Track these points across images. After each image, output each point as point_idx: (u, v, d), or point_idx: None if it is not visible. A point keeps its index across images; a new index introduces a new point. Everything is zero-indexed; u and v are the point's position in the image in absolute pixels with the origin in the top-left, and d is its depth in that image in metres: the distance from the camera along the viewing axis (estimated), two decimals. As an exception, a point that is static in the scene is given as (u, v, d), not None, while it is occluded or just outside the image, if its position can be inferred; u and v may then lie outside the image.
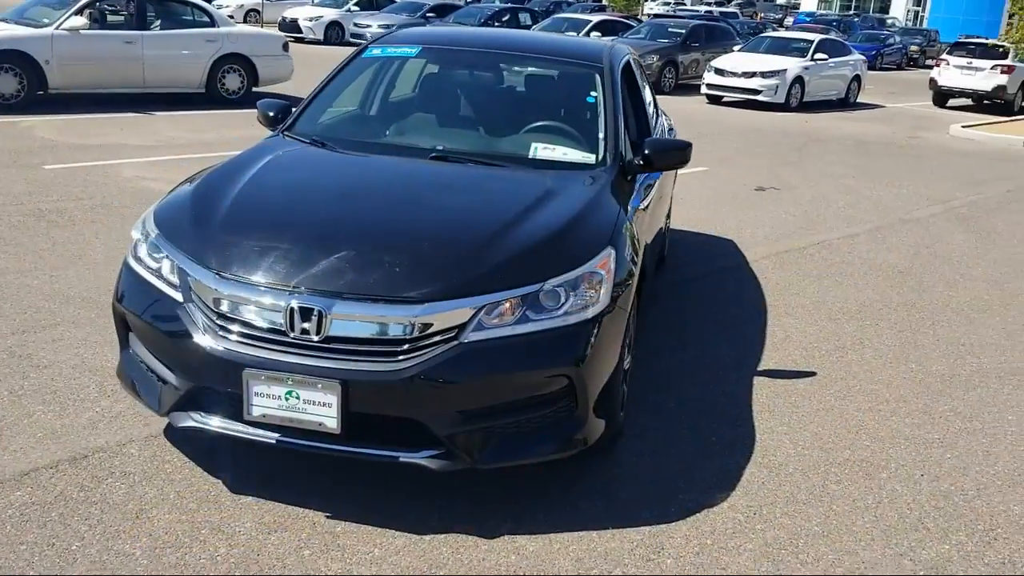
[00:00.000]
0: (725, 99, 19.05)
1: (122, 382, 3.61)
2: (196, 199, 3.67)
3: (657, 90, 19.58)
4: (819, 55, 19.14)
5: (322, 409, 3.07)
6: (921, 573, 3.20)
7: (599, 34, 21.82)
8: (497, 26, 23.87)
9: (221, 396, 3.24)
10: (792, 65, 18.46)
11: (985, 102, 21.61)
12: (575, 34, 21.88)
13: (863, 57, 21.73)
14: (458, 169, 4.07)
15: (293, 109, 4.66)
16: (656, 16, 31.30)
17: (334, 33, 25.90)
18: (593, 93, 4.64)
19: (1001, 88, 21.12)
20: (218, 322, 3.18)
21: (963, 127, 17.38)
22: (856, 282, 6.76)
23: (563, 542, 3.22)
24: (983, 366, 5.24)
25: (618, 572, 3.08)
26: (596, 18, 22.61)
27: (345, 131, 4.54)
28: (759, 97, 18.14)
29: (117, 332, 3.59)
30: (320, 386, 3.04)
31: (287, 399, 3.08)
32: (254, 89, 13.36)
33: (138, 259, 3.50)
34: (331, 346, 3.08)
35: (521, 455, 3.24)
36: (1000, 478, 3.92)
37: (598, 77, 4.72)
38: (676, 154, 4.39)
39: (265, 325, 3.14)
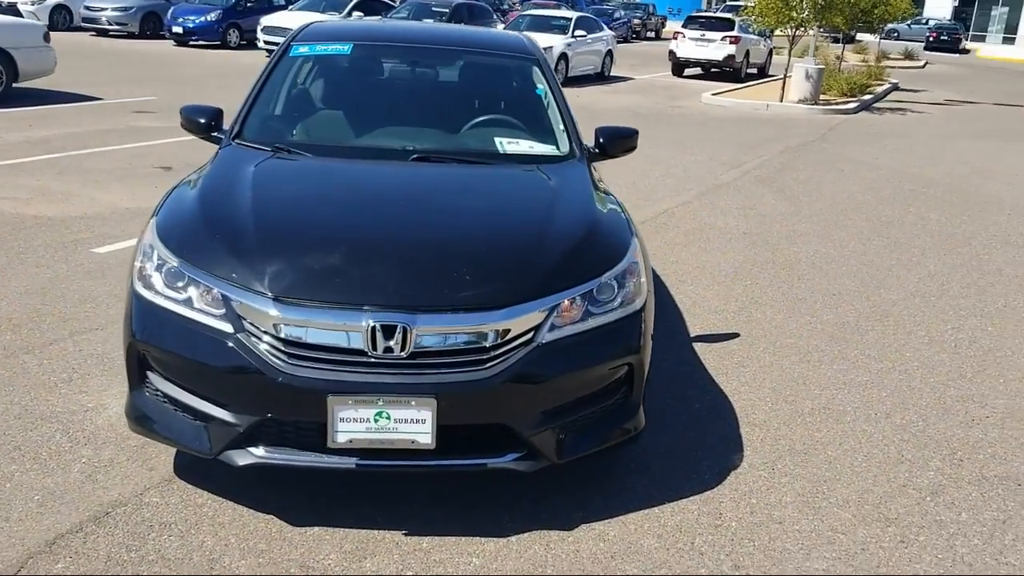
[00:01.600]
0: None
1: (136, 427, 3.30)
2: (209, 219, 3.39)
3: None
4: (579, 32, 20.10)
5: (415, 426, 3.00)
6: (928, 499, 3.66)
7: (360, 14, 21.58)
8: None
9: (293, 426, 3.07)
10: (557, 43, 19.25)
11: (713, 70, 23.70)
12: (336, 14, 21.51)
13: (612, 32, 23.04)
14: (451, 170, 4.04)
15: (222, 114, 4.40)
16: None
17: (60, 18, 23.66)
18: (540, 85, 4.74)
19: (731, 57, 23.24)
20: (285, 349, 3.00)
21: (712, 95, 19.00)
22: (718, 246, 7.35)
23: (636, 522, 3.37)
24: (859, 311, 5.93)
25: (700, 541, 3.28)
26: (355, -3, 22.27)
27: (304, 136, 4.33)
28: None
29: (128, 372, 3.26)
30: (414, 403, 2.97)
31: (376, 421, 2.98)
32: (14, 85, 12.05)
33: (153, 289, 3.20)
34: (419, 361, 3.01)
35: (589, 447, 3.32)
36: (931, 409, 4.52)
37: (536, 69, 4.82)
38: (625, 141, 4.59)
39: (341, 346, 3.00)
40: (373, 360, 2.99)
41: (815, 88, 18.82)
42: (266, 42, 21.47)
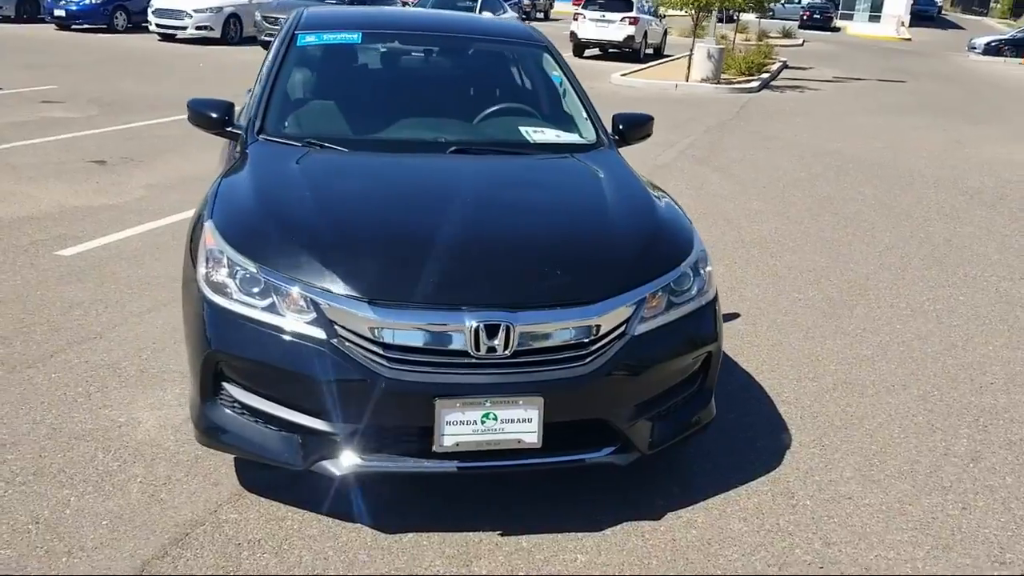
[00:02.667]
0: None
1: (209, 440, 3.14)
2: (279, 221, 3.23)
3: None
4: (486, 13, 19.99)
5: (522, 426, 2.95)
6: (971, 466, 3.84)
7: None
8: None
9: (392, 432, 2.98)
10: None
11: (612, 51, 24.02)
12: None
13: (515, 13, 23.04)
14: (496, 162, 3.97)
15: (235, 108, 4.21)
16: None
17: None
18: (555, 73, 4.70)
19: (630, 38, 23.61)
20: (385, 353, 2.90)
21: (621, 75, 19.26)
22: (684, 227, 7.47)
23: (718, 507, 3.41)
24: (839, 286, 6.15)
25: (783, 521, 3.35)
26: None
27: (331, 129, 4.14)
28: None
29: (202, 384, 3.08)
30: (521, 402, 2.93)
31: (483, 422, 2.92)
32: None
33: (229, 296, 3.03)
34: (522, 359, 2.96)
35: (673, 437, 3.33)
36: (939, 378, 4.73)
37: (548, 56, 4.78)
38: (642, 128, 4.62)
39: (443, 348, 2.93)
40: (477, 360, 2.92)
41: (717, 68, 19.34)
42: (159, 25, 20.57)
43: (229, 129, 4.13)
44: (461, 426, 2.91)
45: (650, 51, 25.12)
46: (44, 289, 5.17)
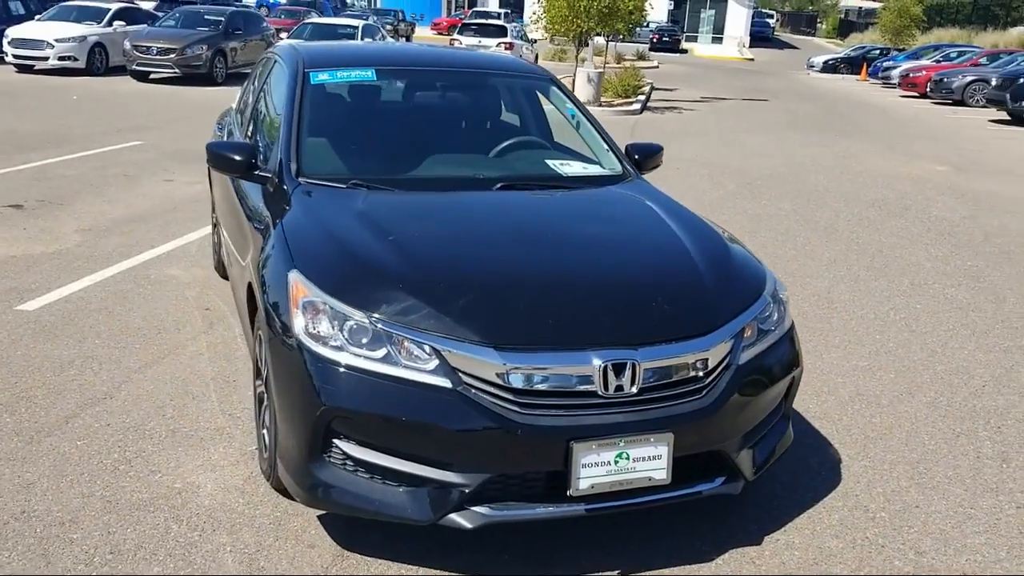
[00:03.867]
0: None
1: (317, 500, 3.00)
2: (372, 266, 3.14)
3: (210, 81, 18.75)
4: (367, 39, 19.83)
5: (652, 463, 2.96)
6: (1004, 466, 4.09)
7: (123, 22, 20.06)
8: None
9: (520, 479, 2.92)
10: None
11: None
12: (94, 23, 19.86)
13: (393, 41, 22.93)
14: (551, 196, 3.98)
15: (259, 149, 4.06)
16: (179, 3, 28.97)
17: None
18: (568, 105, 4.74)
19: (507, 61, 23.91)
20: (517, 399, 2.85)
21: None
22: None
23: (807, 526, 3.50)
24: (808, 300, 6.43)
25: (871, 534, 3.47)
26: (116, 5, 20.56)
27: (370, 168, 4.04)
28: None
29: (311, 443, 2.94)
30: (652, 439, 2.93)
31: (616, 462, 2.91)
32: None
33: (340, 349, 2.91)
34: (647, 396, 2.97)
35: (767, 462, 3.40)
36: (937, 384, 5.02)
37: (555, 89, 4.82)
38: (655, 158, 4.74)
39: (572, 390, 2.90)
40: (606, 400, 2.91)
41: (597, 91, 19.86)
42: (16, 56, 19.36)
43: (257, 173, 3.97)
44: (596, 468, 2.89)
45: (525, 75, 25.48)
46: (22, 348, 4.79)
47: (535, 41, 26.07)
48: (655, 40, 51.74)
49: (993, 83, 22.14)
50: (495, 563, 3.15)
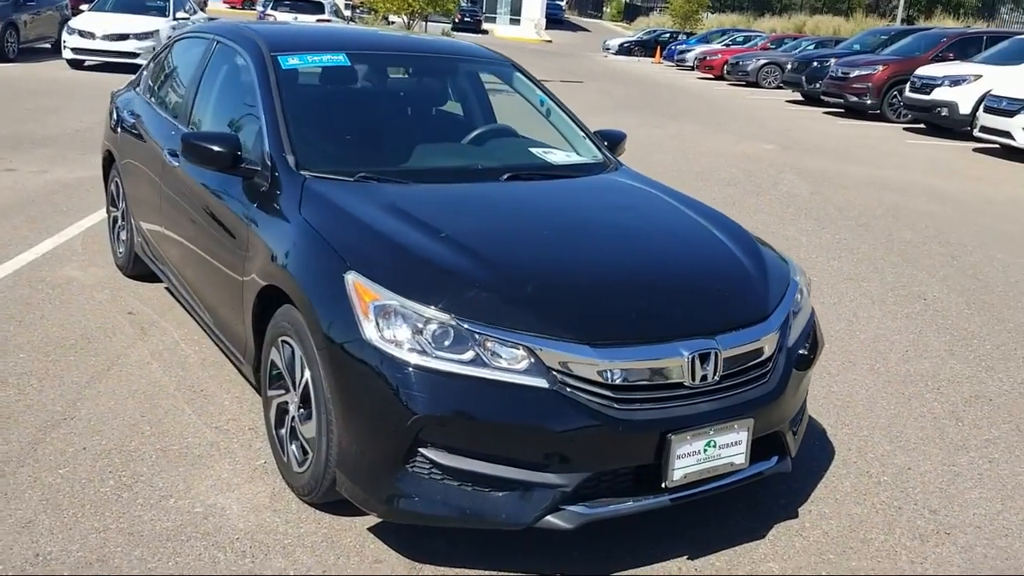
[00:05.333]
0: (88, 63, 17.62)
1: (399, 513, 2.88)
2: (439, 264, 3.00)
3: (2, 57, 17.08)
4: (180, 14, 18.68)
5: (734, 449, 3.02)
6: None
7: None
8: None
9: (612, 475, 2.90)
10: (162, 25, 17.79)
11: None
12: None
13: (204, 13, 21.68)
14: (562, 185, 3.95)
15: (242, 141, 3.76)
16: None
17: None
18: (538, 92, 4.68)
19: (325, 40, 23.24)
20: (613, 395, 2.82)
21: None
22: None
23: (838, 495, 3.69)
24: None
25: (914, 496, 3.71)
26: None
27: (364, 160, 3.84)
28: (137, 60, 17.10)
29: (397, 453, 2.79)
30: (736, 426, 2.99)
31: (705, 451, 2.95)
32: None
33: (422, 352, 2.77)
34: (726, 383, 3.02)
35: (799, 441, 3.54)
36: (924, 384, 5.41)
37: (519, 75, 4.75)
38: (621, 144, 4.77)
39: (664, 382, 2.91)
40: (693, 390, 2.94)
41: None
42: None
43: (244, 166, 3.67)
44: (688, 458, 2.92)
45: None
46: (-63, 369, 4.20)
47: (351, 19, 25.46)
48: (457, 21, 51.92)
49: (789, 67, 23.87)
50: (567, 560, 3.11)
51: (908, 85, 17.54)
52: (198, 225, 4.06)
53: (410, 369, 2.75)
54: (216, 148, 3.62)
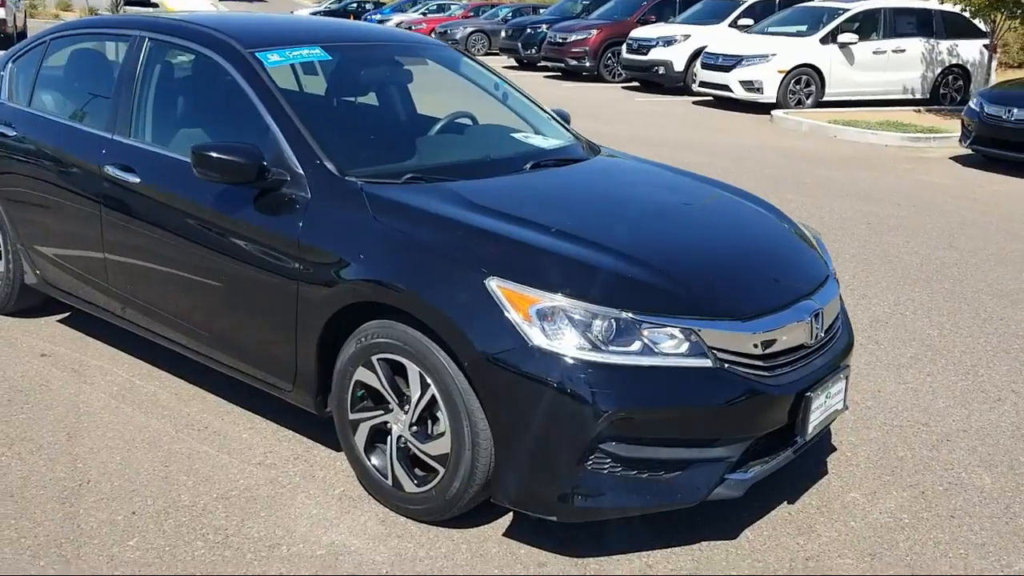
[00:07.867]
0: None
1: (582, 512, 2.90)
2: (576, 260, 2.98)
3: None
4: None
5: (838, 396, 3.31)
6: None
7: None
8: None
9: (765, 437, 3.06)
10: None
11: None
12: None
13: None
14: (586, 168, 3.98)
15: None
16: None
17: None
18: (492, 76, 4.62)
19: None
20: (764, 364, 3.00)
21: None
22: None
23: (901, 502, 4.08)
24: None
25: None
26: None
27: (386, 158, 3.71)
28: None
29: (579, 453, 2.77)
30: (841, 376, 3.28)
31: (825, 402, 3.20)
32: None
33: (597, 349, 2.77)
34: (827, 337, 3.29)
35: None
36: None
37: (467, 59, 4.68)
38: (569, 124, 4.85)
39: (795, 345, 3.12)
40: (811, 348, 3.18)
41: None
42: None
43: (270, 177, 3.34)
44: (817, 412, 3.16)
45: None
46: None
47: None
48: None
49: (503, 34, 24.70)
50: (678, 528, 3.20)
51: (625, 47, 18.90)
52: (194, 244, 3.60)
53: (590, 368, 2.74)
54: (241, 160, 3.26)
